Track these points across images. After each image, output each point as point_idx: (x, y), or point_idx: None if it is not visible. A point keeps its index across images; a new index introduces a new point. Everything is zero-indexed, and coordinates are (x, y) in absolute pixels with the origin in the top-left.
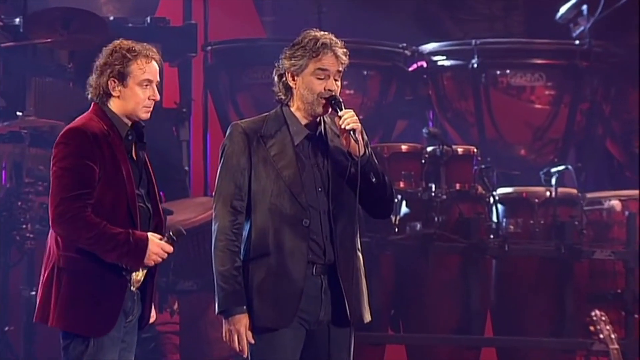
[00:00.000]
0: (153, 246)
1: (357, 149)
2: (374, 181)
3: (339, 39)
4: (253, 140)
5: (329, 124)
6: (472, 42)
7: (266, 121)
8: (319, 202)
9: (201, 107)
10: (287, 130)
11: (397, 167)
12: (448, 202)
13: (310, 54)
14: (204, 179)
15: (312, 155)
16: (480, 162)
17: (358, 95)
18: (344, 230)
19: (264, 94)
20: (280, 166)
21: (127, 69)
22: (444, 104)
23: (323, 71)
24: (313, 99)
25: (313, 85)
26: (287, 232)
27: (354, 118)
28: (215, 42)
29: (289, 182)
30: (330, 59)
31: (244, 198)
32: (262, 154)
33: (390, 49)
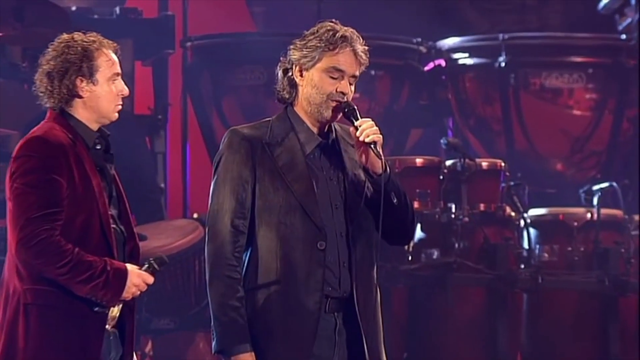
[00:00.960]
0: (133, 277)
1: (378, 166)
2: (395, 202)
3: (360, 37)
4: (257, 149)
5: (339, 131)
6: (499, 36)
7: (271, 126)
8: (335, 222)
9: (179, 113)
10: (296, 136)
11: (410, 184)
12: (471, 226)
13: (326, 46)
14: (182, 199)
15: (326, 167)
16: (509, 178)
17: (365, 100)
18: (363, 257)
19: (253, 98)
20: (290, 179)
21: (94, 63)
22: (465, 109)
23: (338, 71)
24: (321, 100)
25: (323, 83)
26: (300, 256)
27: (374, 129)
28: (196, 36)
29: (301, 198)
30: (348, 57)
31: (246, 216)
32: (269, 165)
33: (403, 45)
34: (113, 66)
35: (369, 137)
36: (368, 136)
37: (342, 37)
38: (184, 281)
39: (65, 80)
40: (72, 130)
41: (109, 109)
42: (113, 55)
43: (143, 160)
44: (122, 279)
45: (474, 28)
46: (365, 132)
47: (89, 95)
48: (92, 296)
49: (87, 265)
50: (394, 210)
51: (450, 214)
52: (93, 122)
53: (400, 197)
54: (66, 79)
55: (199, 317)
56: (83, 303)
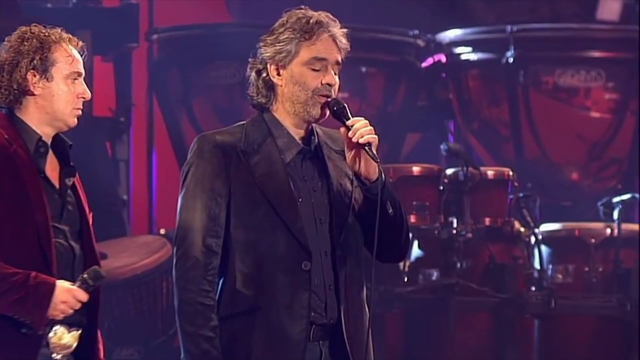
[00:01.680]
0: (61, 293)
1: (373, 171)
2: (390, 213)
3: (336, 19)
4: (231, 157)
5: (321, 136)
6: (507, 28)
7: (245, 132)
8: (320, 238)
9: (144, 115)
10: (274, 142)
11: (407, 196)
12: (474, 243)
13: (302, 36)
14: (147, 212)
15: (308, 177)
16: (518, 189)
17: (355, 101)
18: (351, 278)
19: (228, 98)
20: (270, 191)
21: (49, 57)
22: (469, 111)
23: (319, 61)
24: (307, 97)
25: (306, 78)
26: (282, 279)
27: (368, 128)
28: (164, 28)
29: (283, 212)
30: (328, 43)
31: (220, 234)
32: (245, 175)
33: (398, 39)
34: (73, 63)
35: (363, 138)
36: (362, 136)
37: (317, 22)
38: (150, 306)
39: (16, 74)
40: (14, 131)
41: (65, 111)
42: (75, 52)
43: (103, 168)
44: (46, 294)
45: (479, 19)
46: (359, 132)
47: (42, 92)
48: (13, 314)
49: (5, 278)
50: (388, 222)
51: (451, 230)
52: (45, 125)
53: (395, 207)
54: (16, 73)
55: (166, 347)
56: (6, 323)
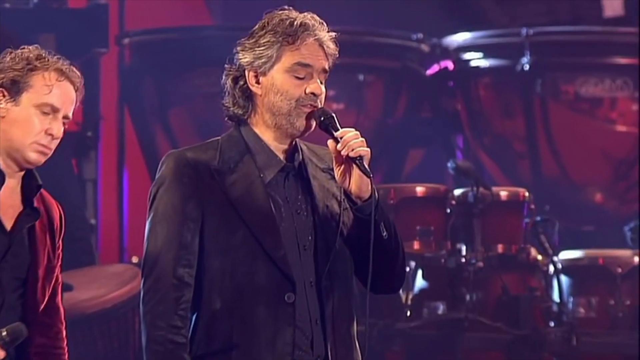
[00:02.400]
0: None
1: (365, 188)
2: (384, 235)
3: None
4: (204, 177)
5: (305, 152)
6: (522, 31)
7: (220, 148)
8: (304, 267)
9: (114, 130)
10: (252, 160)
11: (409, 220)
12: (486, 273)
13: (284, 40)
14: (118, 238)
15: (291, 198)
16: (534, 212)
17: (350, 111)
18: (340, 311)
19: (210, 110)
20: (248, 214)
21: (26, 80)
22: (479, 124)
23: (304, 67)
24: (289, 108)
25: (289, 86)
26: (263, 312)
27: (359, 140)
28: (137, 31)
29: (263, 237)
30: (314, 48)
31: (192, 263)
32: (219, 197)
33: (399, 43)
34: (51, 95)
35: (354, 151)
36: (352, 149)
37: (302, 25)
38: (121, 343)
39: None
40: None
41: (23, 142)
42: (62, 86)
43: (68, 188)
44: None
45: (490, 21)
46: (349, 144)
47: (6, 115)
48: None
49: None
50: (382, 247)
51: (459, 258)
52: (4, 153)
53: (390, 230)
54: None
55: None
56: None
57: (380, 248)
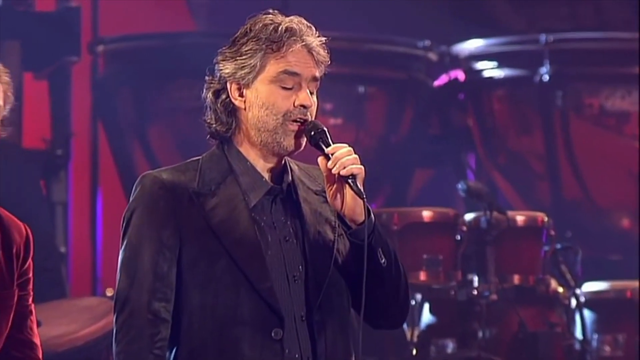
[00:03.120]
0: None
1: (359, 210)
2: (383, 263)
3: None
4: (182, 201)
5: (296, 172)
6: (541, 38)
7: (200, 169)
8: (293, 300)
9: (87, 147)
10: (236, 182)
11: (415, 248)
12: (500, 306)
13: (269, 47)
14: (91, 268)
15: (279, 224)
16: (554, 238)
17: (349, 127)
18: (334, 349)
19: (193, 126)
20: (230, 241)
21: None
22: (493, 141)
23: (291, 76)
24: (276, 124)
25: (275, 98)
26: (248, 350)
27: (352, 157)
28: (112, 38)
29: (247, 267)
30: (302, 55)
31: (169, 297)
32: (199, 223)
33: (403, 51)
34: None
35: (346, 169)
36: (344, 167)
37: (288, 30)
38: None
39: None
40: None
41: None
42: None
43: (35, 213)
44: None
45: (506, 26)
46: (340, 161)
47: None
48: None
49: None
50: (380, 276)
51: (471, 290)
52: None
53: (389, 257)
54: None
55: None
56: None
57: (378, 277)
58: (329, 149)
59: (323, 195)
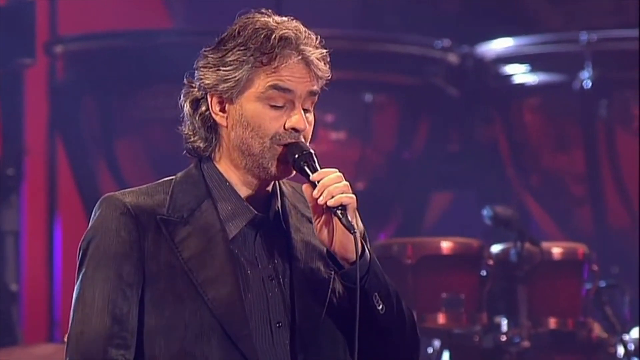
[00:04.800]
0: None
1: (350, 247)
2: (380, 310)
3: (311, 31)
4: (148, 229)
5: (289, 196)
6: (581, 37)
7: (172, 192)
8: (277, 350)
9: (43, 166)
10: (214, 208)
11: (432, 285)
12: (534, 355)
13: (259, 58)
14: (47, 309)
15: (263, 259)
16: (598, 275)
17: (354, 143)
18: None
19: (169, 140)
20: (203, 280)
21: None
22: (525, 159)
23: (282, 92)
24: (262, 149)
25: (262, 119)
26: None
27: (341, 185)
28: (73, 36)
29: (221, 312)
30: (297, 69)
31: (129, 343)
32: (167, 256)
33: (418, 52)
34: None
35: (334, 199)
36: (332, 196)
37: (282, 39)
38: None
39: None
40: None
41: None
42: None
43: None
44: None
45: (540, 23)
46: (327, 190)
47: None
48: None
49: None
50: (378, 325)
51: (498, 336)
52: None
53: (388, 302)
54: None
55: None
56: None
57: (375, 326)
58: (314, 175)
59: None
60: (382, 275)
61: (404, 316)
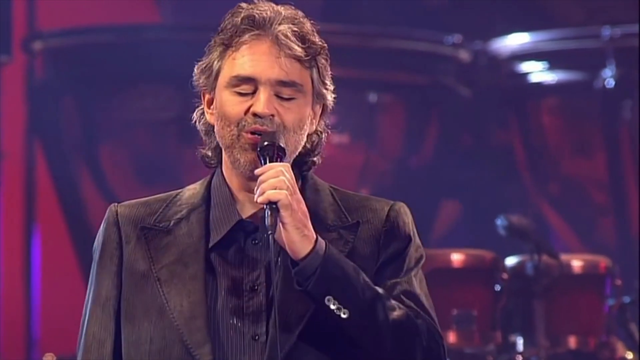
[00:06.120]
0: None
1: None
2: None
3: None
4: (130, 240)
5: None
6: (603, 32)
7: (170, 201)
8: None
9: (20, 172)
10: (204, 217)
11: (442, 301)
12: None
13: (226, 43)
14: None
15: (246, 269)
16: (621, 289)
17: (358, 147)
18: None
19: (158, 144)
20: (169, 290)
21: None
22: (542, 165)
23: (242, 81)
24: (232, 138)
25: (227, 107)
26: None
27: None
28: (53, 32)
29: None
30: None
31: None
32: (142, 267)
33: (427, 48)
34: None
35: (262, 196)
36: (263, 193)
37: (249, 17)
38: None
39: None
40: None
41: None
42: None
43: None
44: None
45: (559, 17)
46: (261, 186)
47: None
48: None
49: None
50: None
51: (514, 355)
52: None
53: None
54: None
55: None
56: None
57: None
58: (257, 170)
59: (341, 230)
60: (347, 276)
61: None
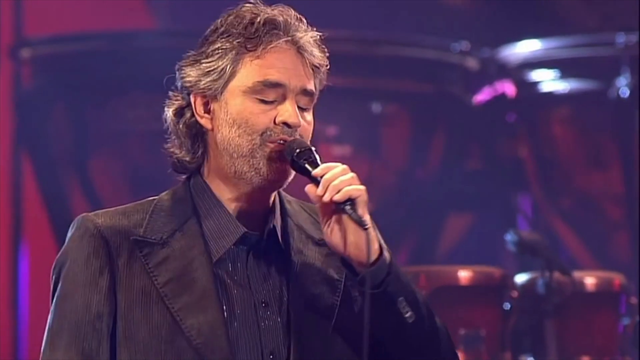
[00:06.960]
0: None
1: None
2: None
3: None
4: (121, 253)
5: (294, 216)
6: (618, 38)
7: (152, 211)
8: None
9: (7, 186)
10: (198, 227)
11: (449, 320)
12: None
13: (242, 46)
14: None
15: (255, 283)
16: (636, 308)
17: (361, 159)
18: None
19: (151, 155)
20: (180, 307)
21: None
22: (554, 178)
23: (271, 86)
24: (252, 147)
25: (250, 114)
26: None
27: (348, 177)
28: (41, 38)
29: (200, 343)
30: (286, 57)
31: None
32: (141, 283)
33: (433, 56)
34: None
35: (340, 193)
36: (338, 190)
37: (268, 22)
38: None
39: None
40: None
41: None
42: None
43: None
44: None
45: (571, 23)
46: (332, 185)
47: None
48: None
49: None
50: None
51: None
52: None
53: (418, 311)
54: None
55: None
56: None
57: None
58: (316, 170)
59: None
60: (407, 280)
61: (437, 332)
